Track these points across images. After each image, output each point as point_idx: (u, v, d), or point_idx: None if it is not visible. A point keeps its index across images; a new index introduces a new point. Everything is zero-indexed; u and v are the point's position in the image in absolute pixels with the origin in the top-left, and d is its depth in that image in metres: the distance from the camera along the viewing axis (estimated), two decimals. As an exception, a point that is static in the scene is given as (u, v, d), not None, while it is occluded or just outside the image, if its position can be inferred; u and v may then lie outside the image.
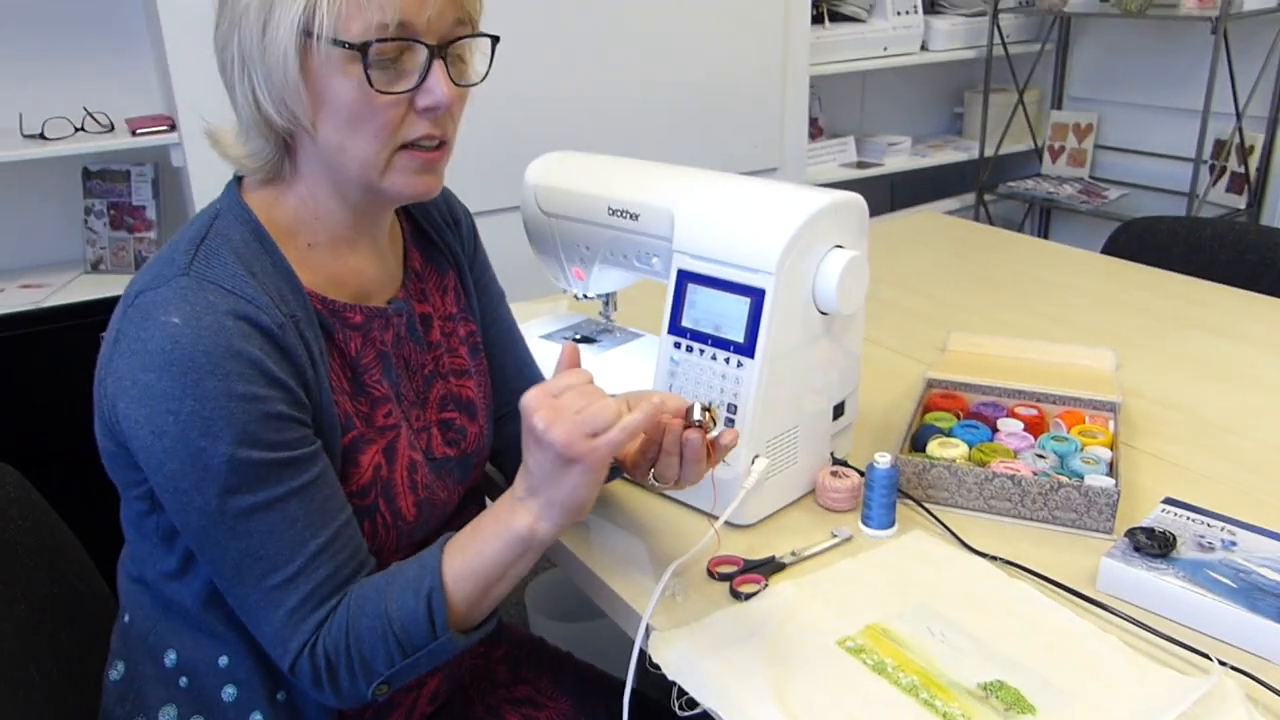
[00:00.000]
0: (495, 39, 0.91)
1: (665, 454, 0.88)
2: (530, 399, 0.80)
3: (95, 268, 2.22)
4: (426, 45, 0.83)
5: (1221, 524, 0.97)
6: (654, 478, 0.91)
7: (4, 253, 2.23)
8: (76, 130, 2.06)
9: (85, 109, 2.10)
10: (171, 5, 1.91)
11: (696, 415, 0.86)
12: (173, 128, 2.05)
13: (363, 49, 0.81)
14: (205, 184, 2.02)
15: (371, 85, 0.82)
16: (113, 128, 2.09)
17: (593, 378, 0.84)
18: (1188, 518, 0.98)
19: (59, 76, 2.18)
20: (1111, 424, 1.18)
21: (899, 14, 3.09)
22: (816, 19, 2.91)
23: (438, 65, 0.84)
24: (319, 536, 0.83)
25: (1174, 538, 0.93)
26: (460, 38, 0.87)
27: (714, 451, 0.88)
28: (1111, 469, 1.07)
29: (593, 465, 0.79)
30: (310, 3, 0.80)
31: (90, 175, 2.21)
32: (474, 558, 0.84)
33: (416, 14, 0.82)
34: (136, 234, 2.22)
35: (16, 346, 1.97)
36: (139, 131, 2.03)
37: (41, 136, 2.01)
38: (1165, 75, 3.18)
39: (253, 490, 0.80)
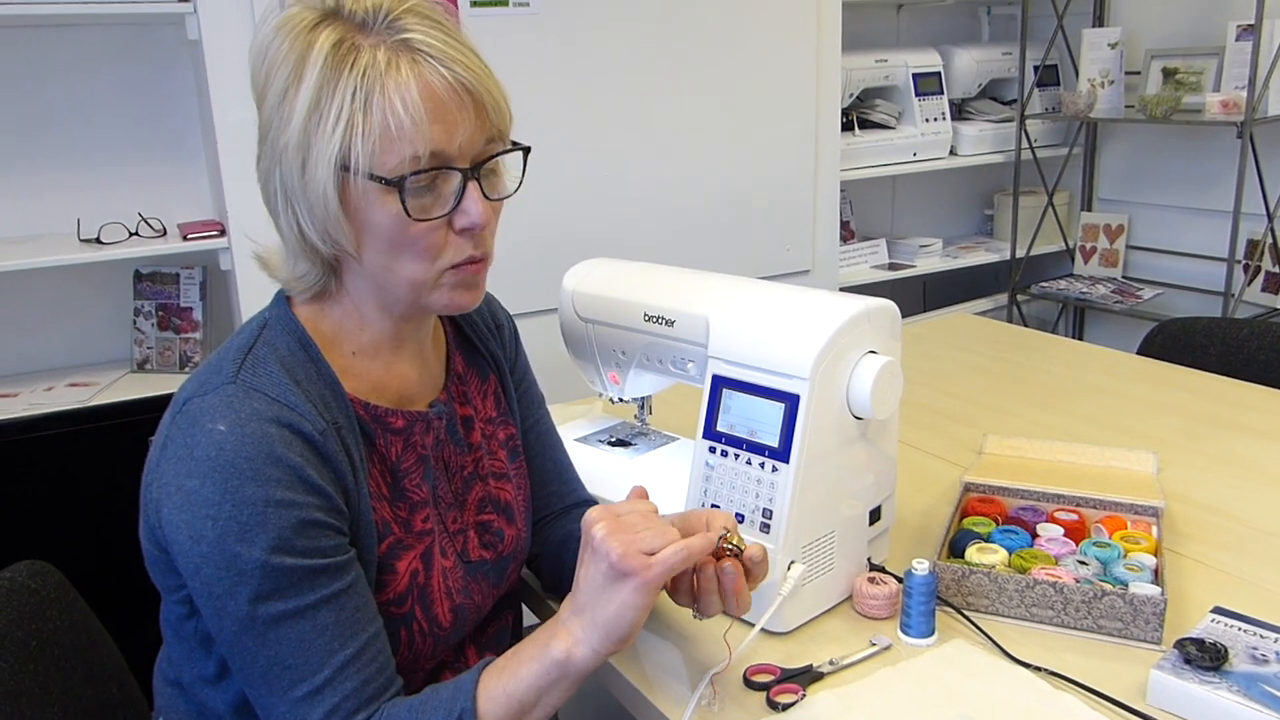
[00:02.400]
0: (527, 150, 0.93)
1: (706, 593, 0.87)
2: (593, 512, 0.83)
3: (141, 367, 2.27)
4: (460, 170, 0.85)
5: (1275, 635, 0.94)
6: (698, 610, 0.90)
7: (55, 351, 2.30)
8: (131, 235, 2.14)
9: (140, 214, 2.18)
10: (226, 116, 2.00)
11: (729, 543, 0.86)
12: (222, 233, 2.12)
13: (399, 183, 0.83)
14: (251, 286, 2.08)
15: (410, 216, 0.84)
16: (165, 232, 2.17)
17: (657, 509, 0.86)
18: (1239, 628, 0.95)
19: (116, 183, 2.27)
20: (1154, 529, 1.16)
21: (927, 121, 3.15)
22: (846, 126, 2.98)
23: (472, 187, 0.86)
24: (348, 647, 0.83)
25: (1225, 650, 0.91)
26: (493, 155, 0.89)
27: (752, 570, 0.88)
28: (1157, 576, 1.05)
29: (645, 583, 0.80)
30: (346, 141, 0.82)
31: (141, 278, 2.28)
32: (509, 680, 0.84)
33: (448, 142, 0.84)
34: (183, 334, 2.27)
35: (62, 444, 2.01)
36: (190, 236, 2.10)
37: (97, 241, 2.08)
38: (1194, 177, 3.20)
39: (284, 597, 0.81)
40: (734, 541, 0.86)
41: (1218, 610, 0.98)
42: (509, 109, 0.90)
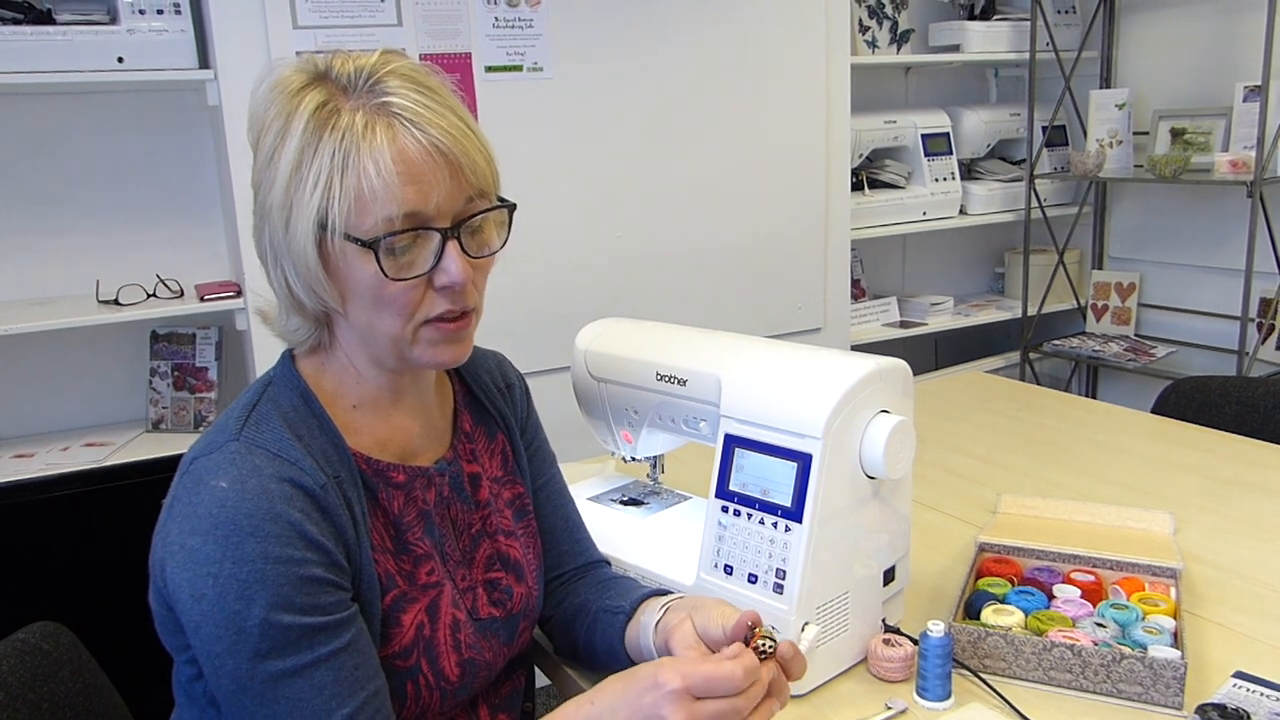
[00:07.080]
0: (511, 207, 0.94)
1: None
2: (676, 679, 0.79)
3: (156, 427, 2.28)
4: (438, 229, 0.87)
5: (1297, 700, 0.93)
6: None
7: (72, 411, 2.31)
8: (149, 296, 2.16)
9: (158, 276, 2.21)
10: (244, 179, 2.03)
11: (759, 643, 0.84)
12: (239, 293, 2.14)
13: (373, 244, 0.85)
14: (267, 345, 2.10)
15: (386, 275, 0.86)
16: (182, 293, 2.20)
17: (758, 691, 0.81)
18: (1261, 693, 0.94)
19: (136, 245, 2.30)
20: (1173, 591, 1.14)
21: (937, 180, 3.19)
22: (856, 186, 3.01)
23: (451, 246, 0.87)
24: (345, 706, 0.83)
25: (1248, 715, 0.89)
26: (475, 213, 0.89)
27: (789, 666, 0.85)
28: (1176, 639, 1.04)
29: None
30: (323, 203, 0.84)
31: (158, 338, 2.31)
32: None
33: (423, 204, 0.85)
34: (198, 394, 2.29)
35: (77, 504, 2.01)
36: (207, 297, 2.13)
37: (115, 302, 2.11)
38: (1205, 236, 3.21)
39: (283, 656, 0.81)
40: (765, 640, 0.84)
41: (1239, 675, 0.97)
42: (491, 167, 0.91)
